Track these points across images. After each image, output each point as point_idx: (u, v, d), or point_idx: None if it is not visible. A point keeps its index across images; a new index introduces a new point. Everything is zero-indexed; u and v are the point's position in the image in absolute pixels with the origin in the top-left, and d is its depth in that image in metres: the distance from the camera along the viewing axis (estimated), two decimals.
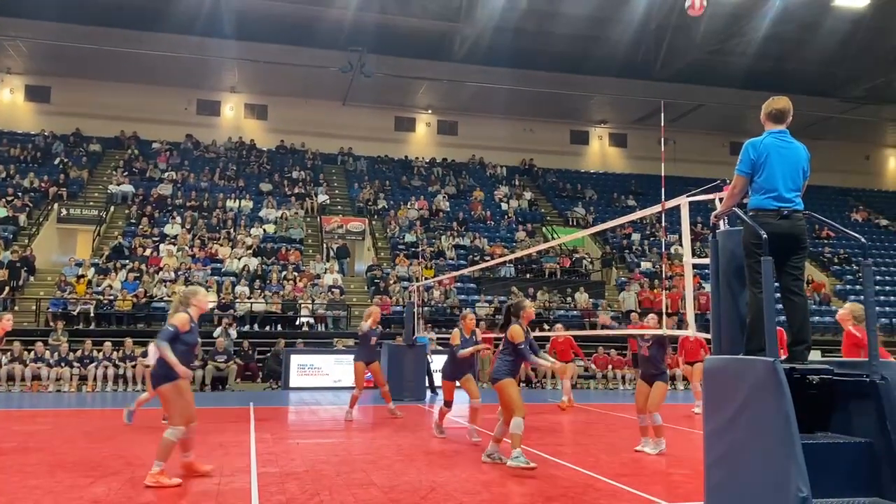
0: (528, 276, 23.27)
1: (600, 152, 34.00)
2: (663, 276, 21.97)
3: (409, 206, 27.02)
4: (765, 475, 4.02)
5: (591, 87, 28.17)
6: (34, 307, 18.55)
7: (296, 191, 27.02)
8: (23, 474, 6.53)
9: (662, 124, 7.66)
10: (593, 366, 18.72)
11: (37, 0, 21.96)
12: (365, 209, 26.72)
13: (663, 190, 6.82)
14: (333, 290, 20.79)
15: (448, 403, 9.19)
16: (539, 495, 5.97)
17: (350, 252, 24.48)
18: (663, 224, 6.50)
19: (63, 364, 15.87)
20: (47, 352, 16.10)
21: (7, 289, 18.33)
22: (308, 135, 29.92)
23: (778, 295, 4.50)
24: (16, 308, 18.65)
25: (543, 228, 27.48)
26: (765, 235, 4.23)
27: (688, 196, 5.96)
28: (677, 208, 6.42)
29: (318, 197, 26.65)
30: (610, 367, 18.66)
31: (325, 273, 21.62)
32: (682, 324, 14.80)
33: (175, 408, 6.23)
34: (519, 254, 18.64)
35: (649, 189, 29.54)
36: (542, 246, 19.08)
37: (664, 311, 7.66)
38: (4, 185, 23.93)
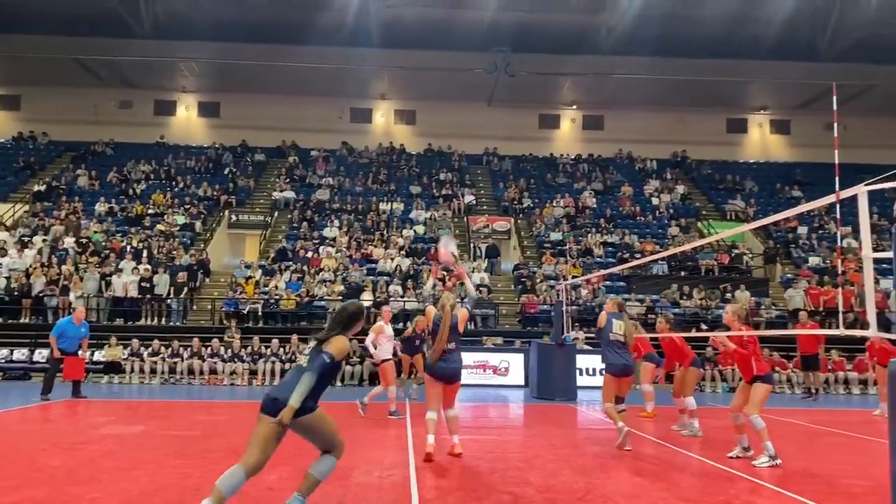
0: (682, 273, 22.31)
1: (760, 141, 32.11)
2: (838, 271, 20.23)
3: (554, 204, 26.78)
4: None
5: (748, 71, 26.64)
6: (210, 306, 20.23)
7: (443, 192, 27.58)
8: (206, 459, 7.13)
9: (835, 108, 7.04)
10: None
11: (201, 21, 23.85)
12: (510, 208, 26.80)
13: (837, 178, 6.28)
14: (481, 288, 20.98)
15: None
16: (702, 500, 5.70)
17: (498, 251, 24.64)
18: (838, 216, 5.92)
19: (236, 360, 17.16)
20: (222, 348, 17.49)
21: (186, 289, 20.09)
22: (454, 137, 30.47)
23: None
24: (194, 307, 20.45)
25: (699, 223, 26.26)
26: None
27: (866, 184, 5.44)
28: (848, 199, 5.87)
29: (465, 197, 27.04)
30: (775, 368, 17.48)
31: (472, 272, 21.87)
32: (856, 323, 13.59)
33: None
34: (672, 251, 17.87)
35: (816, 178, 27.43)
36: (699, 242, 17.92)
37: (839, 309, 7.02)
38: (183, 194, 26.32)
